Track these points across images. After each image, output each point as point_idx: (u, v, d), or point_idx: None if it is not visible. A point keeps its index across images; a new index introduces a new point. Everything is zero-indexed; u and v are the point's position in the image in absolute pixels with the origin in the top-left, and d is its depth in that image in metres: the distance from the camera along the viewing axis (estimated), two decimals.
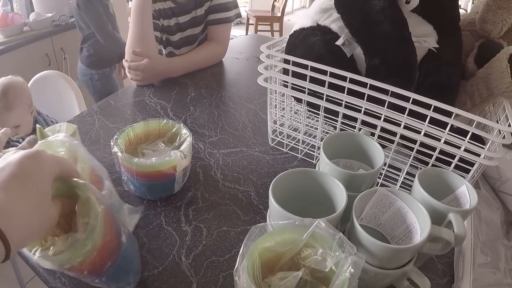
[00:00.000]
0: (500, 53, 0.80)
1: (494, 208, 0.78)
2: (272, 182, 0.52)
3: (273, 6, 5.95)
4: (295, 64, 0.74)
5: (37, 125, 0.80)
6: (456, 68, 0.85)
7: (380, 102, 0.67)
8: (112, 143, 0.73)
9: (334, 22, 0.79)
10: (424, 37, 0.80)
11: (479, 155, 0.63)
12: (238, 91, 1.28)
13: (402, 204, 0.54)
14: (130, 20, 1.27)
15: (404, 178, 0.78)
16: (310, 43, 0.78)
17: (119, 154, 0.71)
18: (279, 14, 5.70)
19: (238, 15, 1.52)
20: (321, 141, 0.64)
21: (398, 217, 0.55)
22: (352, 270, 0.36)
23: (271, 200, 0.50)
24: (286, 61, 0.77)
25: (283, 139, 0.91)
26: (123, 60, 1.29)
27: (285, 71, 0.79)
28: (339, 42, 0.75)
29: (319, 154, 0.85)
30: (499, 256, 0.68)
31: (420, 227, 0.51)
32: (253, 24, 5.65)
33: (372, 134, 0.72)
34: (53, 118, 1.75)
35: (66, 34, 2.76)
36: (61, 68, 2.73)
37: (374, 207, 0.55)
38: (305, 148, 0.90)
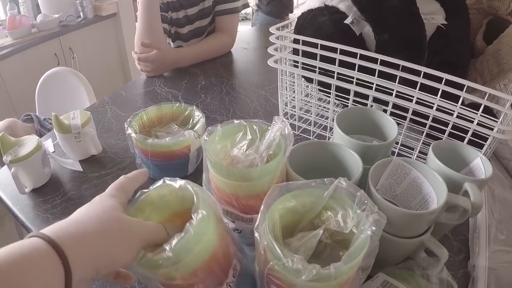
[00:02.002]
0: (509, 28, 0.80)
1: (507, 187, 0.78)
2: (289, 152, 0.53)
3: None
4: (305, 43, 0.74)
5: (52, 113, 0.81)
6: (465, 45, 0.85)
7: (391, 78, 0.67)
8: (126, 126, 0.74)
9: (341, 1, 0.80)
10: (432, 14, 0.80)
11: (492, 130, 0.63)
12: (248, 78, 1.29)
13: (418, 174, 0.54)
14: (138, 13, 1.28)
15: (417, 156, 0.78)
16: (319, 23, 0.79)
17: (133, 135, 0.72)
18: None
19: (246, 5, 1.52)
20: (333, 121, 0.65)
21: (414, 188, 0.55)
22: (374, 228, 0.37)
23: (288, 169, 0.50)
24: (296, 43, 0.77)
25: (295, 122, 0.92)
26: (132, 52, 1.30)
27: (295, 52, 0.79)
28: (347, 21, 0.75)
29: (331, 135, 0.85)
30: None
31: (436, 196, 0.52)
32: None
33: (384, 112, 0.72)
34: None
35: (73, 34, 2.79)
36: (69, 67, 2.76)
37: (390, 178, 0.55)
38: (317, 130, 0.91)
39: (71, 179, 0.81)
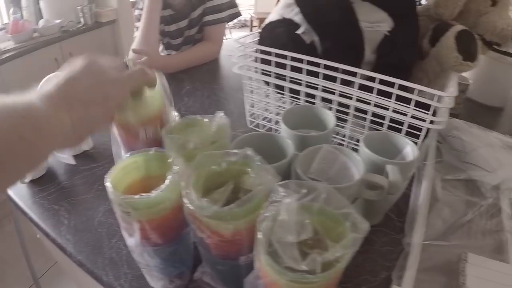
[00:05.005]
0: (448, 31, 0.90)
1: (458, 174, 0.90)
2: (233, 142, 0.64)
3: None
4: (264, 52, 0.86)
5: None
6: (411, 49, 0.95)
7: (336, 80, 0.79)
8: None
9: (296, 15, 0.91)
10: (378, 23, 0.91)
11: (425, 121, 0.73)
12: (230, 84, 1.40)
13: (345, 158, 0.65)
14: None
15: None
16: (276, 34, 0.90)
17: None
18: None
19: (234, 16, 1.61)
20: None
21: (343, 170, 0.65)
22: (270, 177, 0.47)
23: None
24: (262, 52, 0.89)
25: (258, 120, 1.04)
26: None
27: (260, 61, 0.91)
28: (299, 31, 0.87)
29: None
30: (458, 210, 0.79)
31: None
32: (256, 26, 5.69)
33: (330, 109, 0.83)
34: None
35: (74, 40, 2.89)
36: None
37: (321, 162, 0.66)
38: (279, 128, 1.01)
39: (65, 172, 0.92)
